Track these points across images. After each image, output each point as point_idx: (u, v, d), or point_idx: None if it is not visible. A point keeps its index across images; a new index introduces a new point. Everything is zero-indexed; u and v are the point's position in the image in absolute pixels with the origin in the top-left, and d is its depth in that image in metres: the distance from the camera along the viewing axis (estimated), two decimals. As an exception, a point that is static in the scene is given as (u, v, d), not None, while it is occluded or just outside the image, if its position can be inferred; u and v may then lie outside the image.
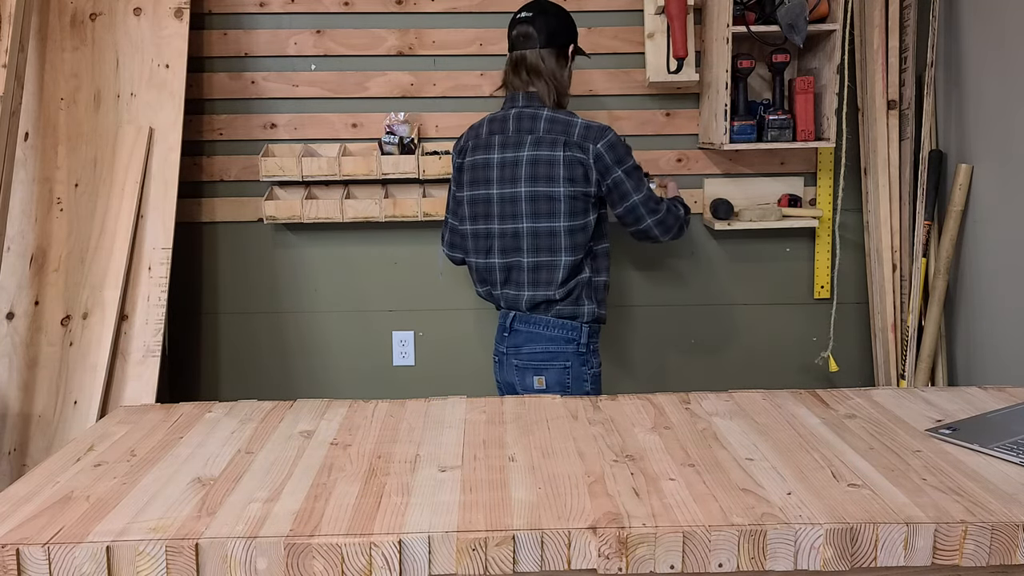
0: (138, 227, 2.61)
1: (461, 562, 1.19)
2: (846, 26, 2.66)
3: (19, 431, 2.48)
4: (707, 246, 3.00)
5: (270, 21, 2.87)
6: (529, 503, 1.28)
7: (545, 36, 2.23)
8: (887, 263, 2.84)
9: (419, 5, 2.87)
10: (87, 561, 1.17)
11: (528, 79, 2.25)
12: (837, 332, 2.96)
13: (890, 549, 1.21)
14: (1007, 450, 1.44)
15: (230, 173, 2.93)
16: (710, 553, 1.20)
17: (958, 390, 1.81)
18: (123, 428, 1.66)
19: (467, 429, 1.62)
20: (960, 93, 2.73)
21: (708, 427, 1.60)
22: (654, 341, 3.03)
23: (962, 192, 2.68)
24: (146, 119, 2.66)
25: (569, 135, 2.18)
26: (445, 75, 2.90)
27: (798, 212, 2.88)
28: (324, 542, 1.18)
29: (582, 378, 2.26)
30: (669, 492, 1.32)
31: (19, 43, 2.40)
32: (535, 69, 2.24)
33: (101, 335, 2.52)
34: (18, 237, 2.57)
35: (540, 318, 2.25)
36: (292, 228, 2.96)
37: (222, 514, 1.26)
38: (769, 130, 2.68)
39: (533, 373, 2.27)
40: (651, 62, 2.82)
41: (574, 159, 2.18)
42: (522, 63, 2.25)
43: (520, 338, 2.27)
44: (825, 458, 1.44)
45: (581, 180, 2.19)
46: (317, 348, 3.00)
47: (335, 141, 2.91)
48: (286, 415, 1.71)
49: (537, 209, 2.20)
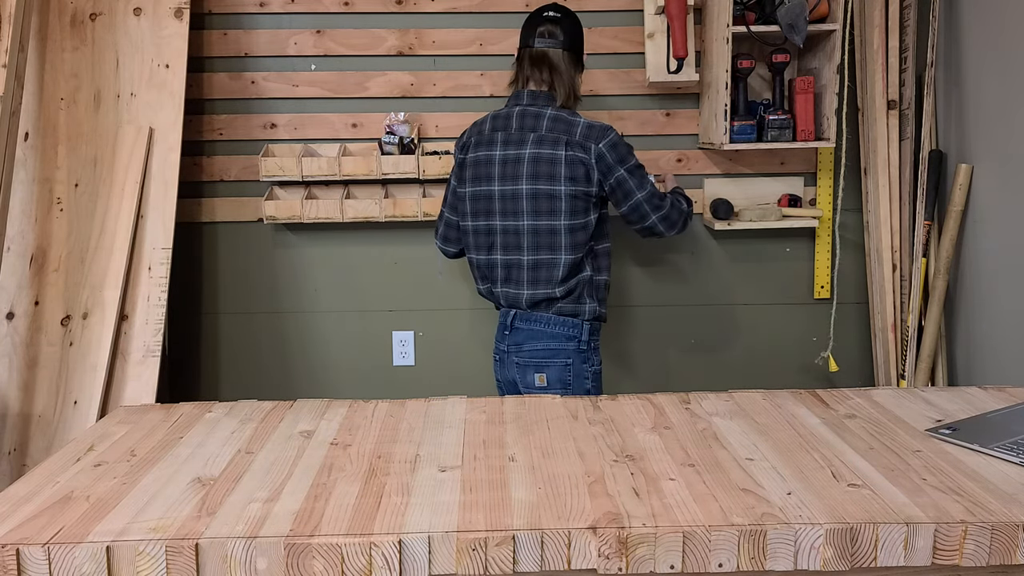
0: (138, 227, 2.61)
1: (461, 562, 1.19)
2: (846, 26, 2.66)
3: (19, 431, 2.48)
4: (707, 246, 3.00)
5: (270, 21, 2.87)
6: (529, 503, 1.28)
7: (569, 39, 2.29)
8: (887, 263, 2.84)
9: (419, 5, 2.87)
10: (87, 561, 1.17)
11: (548, 76, 2.28)
12: (837, 332, 2.96)
13: (890, 549, 1.21)
14: (1007, 450, 1.44)
15: (230, 173, 2.92)
16: (710, 553, 1.20)
17: (958, 390, 1.81)
18: (123, 428, 1.65)
19: (467, 429, 1.62)
20: (960, 93, 2.73)
21: (708, 427, 1.60)
22: (654, 341, 3.03)
23: (962, 192, 2.68)
24: (146, 119, 2.66)
25: (571, 135, 2.20)
26: (445, 75, 2.90)
27: (798, 212, 2.88)
28: (324, 542, 1.18)
29: (583, 375, 2.27)
30: (669, 492, 1.32)
31: (19, 43, 2.40)
32: (555, 68, 2.28)
33: (101, 335, 2.52)
34: (18, 237, 2.57)
35: (541, 315, 2.25)
36: (292, 228, 2.96)
37: (222, 514, 1.26)
38: (769, 130, 2.68)
39: (534, 370, 2.27)
40: (651, 62, 2.82)
41: (575, 158, 2.19)
42: (544, 60, 2.28)
43: (521, 336, 2.28)
44: (825, 458, 1.44)
45: (582, 180, 2.20)
46: (317, 348, 3.00)
47: (335, 141, 2.91)
48: (286, 415, 1.71)
49: (538, 207, 2.21)
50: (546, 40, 2.28)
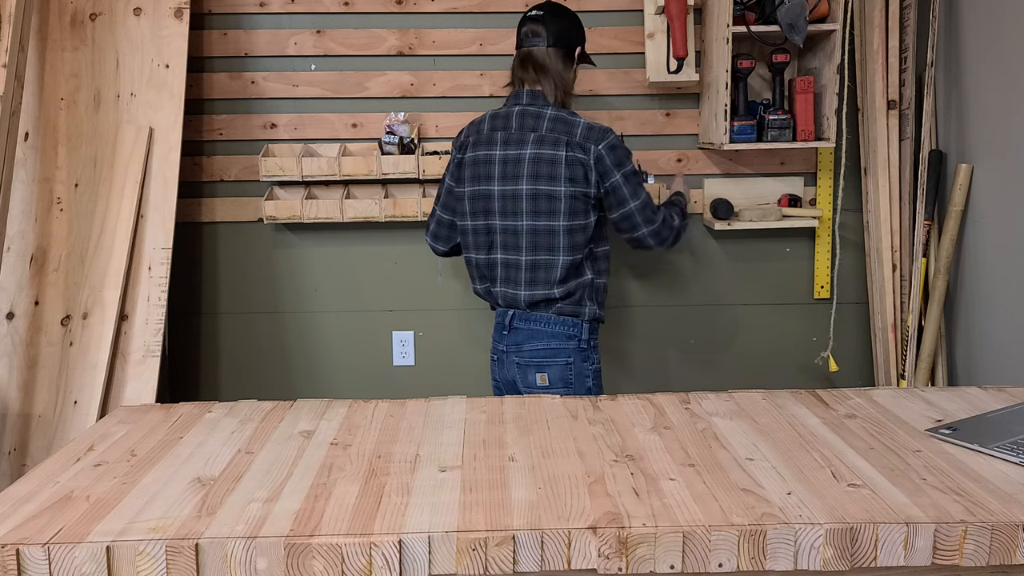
0: (138, 227, 2.61)
1: (461, 562, 1.19)
2: (846, 26, 2.66)
3: (19, 431, 2.48)
4: (707, 246, 3.00)
5: (270, 21, 2.87)
6: (529, 503, 1.28)
7: (553, 36, 2.27)
8: (887, 263, 2.84)
9: (419, 5, 2.87)
10: (87, 561, 1.17)
11: (535, 76, 2.27)
12: (837, 332, 2.96)
13: (890, 549, 1.21)
14: (1007, 450, 1.44)
15: (230, 173, 2.93)
16: (710, 553, 1.20)
17: (958, 390, 1.81)
18: (123, 428, 1.65)
19: (467, 429, 1.62)
20: (960, 93, 2.73)
21: (708, 427, 1.60)
22: (654, 341, 3.03)
23: (962, 192, 2.68)
24: (146, 119, 2.66)
25: (571, 135, 2.19)
26: (445, 75, 2.90)
27: (798, 212, 2.88)
28: (324, 542, 1.18)
29: (584, 374, 2.27)
30: (669, 492, 1.32)
31: (19, 43, 2.40)
32: (542, 66, 2.27)
33: (101, 335, 2.52)
34: (18, 237, 2.57)
35: (540, 315, 2.25)
36: (292, 228, 2.96)
37: (222, 514, 1.26)
38: (769, 130, 2.68)
39: (535, 370, 2.27)
40: (651, 62, 2.82)
41: (575, 159, 2.18)
42: (529, 59, 2.28)
43: (521, 335, 2.28)
44: (825, 458, 1.44)
45: (581, 180, 2.20)
46: (317, 348, 3.00)
47: (335, 141, 2.91)
48: (286, 415, 1.71)
49: (537, 207, 2.21)
50: (530, 40, 2.28)
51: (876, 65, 2.80)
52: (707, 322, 3.02)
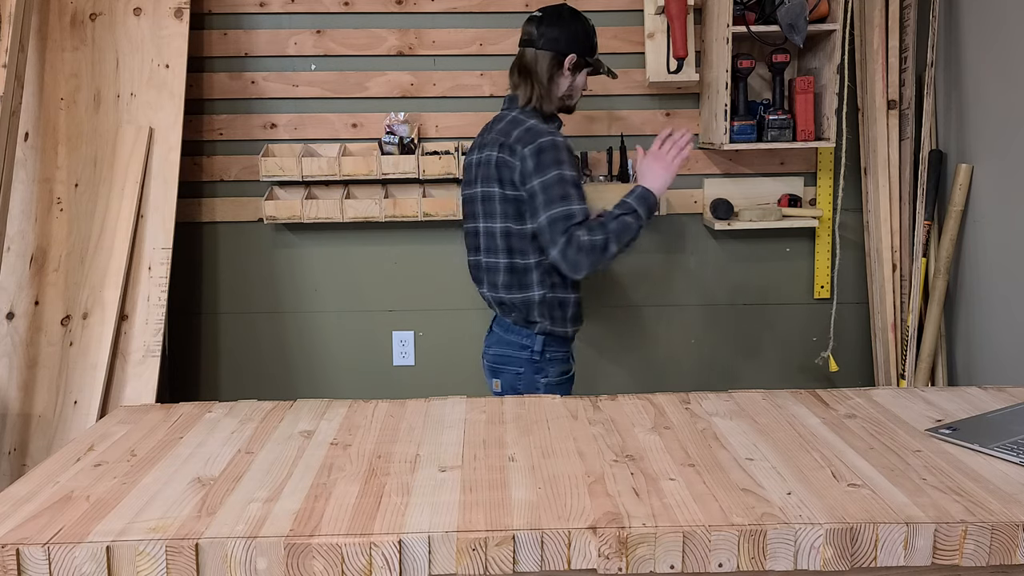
0: (138, 227, 2.61)
1: (461, 562, 1.19)
2: (846, 26, 2.66)
3: (19, 431, 2.48)
4: (707, 246, 3.00)
5: (270, 21, 2.87)
6: (529, 503, 1.28)
7: (545, 39, 2.21)
8: (887, 263, 2.84)
9: (419, 5, 2.86)
10: (87, 561, 1.17)
11: (518, 79, 2.23)
12: (837, 332, 2.96)
13: (890, 549, 1.21)
14: (1007, 450, 1.44)
15: (230, 173, 2.92)
16: (710, 553, 1.20)
17: (958, 390, 1.81)
18: (123, 428, 1.65)
19: (467, 429, 1.62)
20: (960, 93, 2.73)
21: (708, 427, 1.60)
22: (654, 341, 3.03)
23: (962, 192, 2.68)
24: (146, 119, 2.66)
25: (508, 136, 2.13)
26: (445, 75, 2.90)
27: (798, 212, 2.88)
28: (324, 542, 1.18)
29: (535, 386, 2.21)
30: (669, 492, 1.32)
31: (19, 43, 2.40)
32: (525, 68, 2.22)
33: (101, 335, 2.52)
34: (18, 237, 2.57)
35: (504, 320, 2.25)
36: (292, 228, 2.96)
37: (222, 514, 1.26)
38: (769, 130, 2.68)
39: (491, 375, 2.29)
40: (651, 62, 2.82)
41: (503, 161, 2.12)
42: (517, 61, 2.26)
43: (491, 338, 2.30)
44: (825, 458, 1.44)
45: (509, 183, 2.12)
46: (317, 348, 3.00)
47: (335, 141, 2.91)
48: (286, 415, 1.71)
49: (485, 209, 2.20)
50: (523, 41, 2.26)
51: (876, 65, 2.80)
52: (707, 322, 3.02)
